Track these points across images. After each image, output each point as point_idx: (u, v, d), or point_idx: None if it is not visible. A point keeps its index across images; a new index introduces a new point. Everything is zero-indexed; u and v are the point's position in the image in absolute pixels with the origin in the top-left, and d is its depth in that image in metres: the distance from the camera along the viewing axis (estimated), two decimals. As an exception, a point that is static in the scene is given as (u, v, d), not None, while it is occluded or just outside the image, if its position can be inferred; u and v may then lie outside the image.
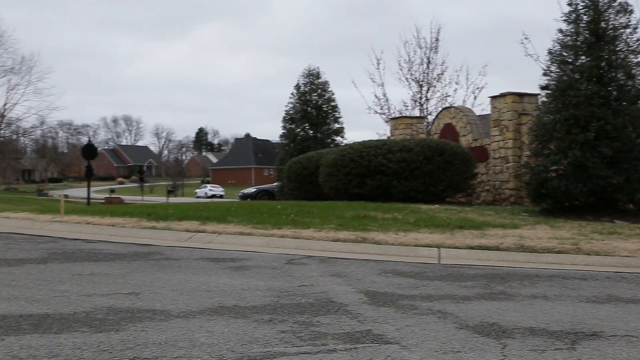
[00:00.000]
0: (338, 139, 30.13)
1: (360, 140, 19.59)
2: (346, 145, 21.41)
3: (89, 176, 37.49)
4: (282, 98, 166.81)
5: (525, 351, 3.86)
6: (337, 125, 30.65)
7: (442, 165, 17.02)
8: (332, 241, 8.86)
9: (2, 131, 58.63)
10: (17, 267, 6.73)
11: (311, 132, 30.26)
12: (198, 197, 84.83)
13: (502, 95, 18.95)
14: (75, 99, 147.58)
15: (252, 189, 29.70)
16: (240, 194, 30.47)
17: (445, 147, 17.40)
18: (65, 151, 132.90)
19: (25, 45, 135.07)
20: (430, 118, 28.98)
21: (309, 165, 20.86)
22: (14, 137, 66.50)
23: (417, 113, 30.54)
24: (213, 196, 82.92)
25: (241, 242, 9.00)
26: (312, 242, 8.88)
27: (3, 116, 55.83)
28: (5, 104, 54.69)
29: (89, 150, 36.43)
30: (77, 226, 10.97)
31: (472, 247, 8.39)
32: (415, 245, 8.57)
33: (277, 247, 8.70)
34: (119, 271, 6.60)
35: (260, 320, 4.51)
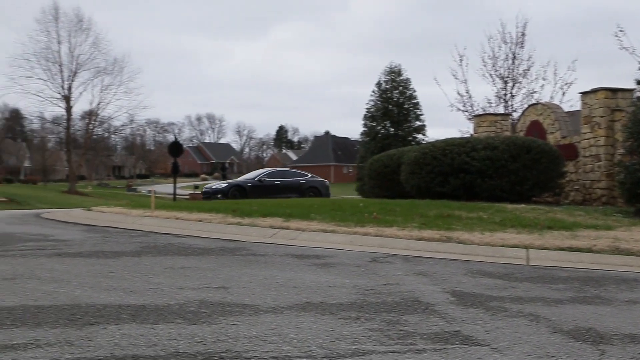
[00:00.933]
0: (419, 136, 29.86)
1: (442, 138, 19.30)
2: (428, 143, 21.14)
3: (175, 173, 38.79)
4: (360, 96, 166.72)
5: (626, 359, 3.69)
6: (418, 123, 30.38)
7: (528, 164, 16.51)
8: (415, 240, 8.77)
9: (95, 129, 61.50)
10: (113, 260, 7.06)
11: (392, 129, 30.11)
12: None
13: (594, 91, 18.17)
14: (161, 98, 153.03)
15: (222, 184, 26.30)
16: (205, 189, 26.67)
17: (532, 144, 16.87)
18: (152, 148, 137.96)
19: (117, 47, 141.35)
20: (516, 115, 28.18)
21: (390, 163, 20.75)
22: (106, 135, 69.54)
23: (501, 110, 29.77)
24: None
25: (324, 240, 9.06)
26: (396, 241, 8.83)
27: (97, 115, 58.57)
28: (98, 104, 57.37)
29: (175, 148, 37.70)
30: (166, 221, 11.37)
31: (562, 249, 8.10)
32: (502, 246, 8.36)
33: (360, 245, 8.71)
34: (208, 265, 6.79)
35: (347, 317, 4.52)
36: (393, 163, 20.46)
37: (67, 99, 55.47)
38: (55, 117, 60.78)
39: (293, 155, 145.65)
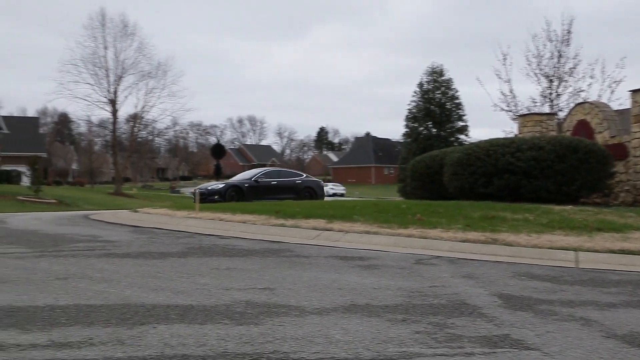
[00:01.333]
0: (462, 137, 29.54)
1: (485, 138, 19.04)
2: (472, 143, 20.89)
3: (217, 174, 39.28)
4: (401, 96, 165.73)
5: (684, 365, 3.58)
6: (461, 124, 30.07)
7: (575, 164, 16.16)
8: (460, 242, 8.68)
9: (139, 132, 62.67)
10: (160, 260, 7.18)
11: (434, 130, 29.88)
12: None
13: (644, 89, 17.67)
14: (204, 100, 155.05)
15: (219, 184, 24.69)
16: (200, 190, 23.08)
17: (579, 144, 16.51)
18: (195, 150, 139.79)
19: (160, 51, 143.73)
20: (562, 114, 27.61)
21: (432, 164, 20.58)
22: (150, 137, 70.78)
23: (546, 109, 29.20)
24: (334, 195, 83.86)
25: (368, 241, 9.04)
26: (440, 242, 8.75)
27: (141, 118, 59.69)
28: (143, 107, 58.47)
29: (218, 150, 38.17)
30: (210, 222, 11.51)
31: (613, 251, 7.90)
32: (550, 248, 8.20)
33: (404, 247, 8.66)
34: (253, 267, 6.85)
35: (393, 319, 4.50)
36: (436, 164, 20.28)
37: (113, 102, 56.70)
38: (101, 120, 62.22)
39: (334, 157, 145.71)
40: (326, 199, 25.63)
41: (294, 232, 9.99)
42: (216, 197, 23.22)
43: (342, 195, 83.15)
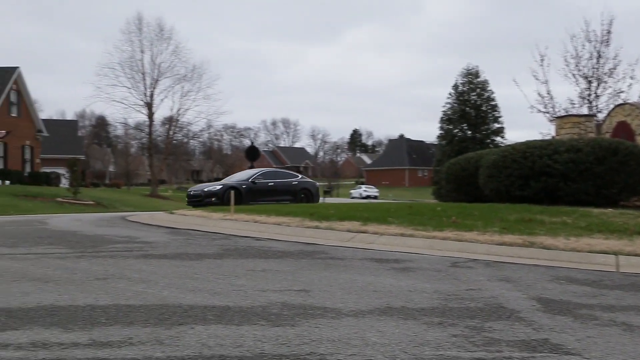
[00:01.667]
0: (498, 139, 29.20)
1: (522, 140, 18.78)
2: (508, 145, 20.63)
3: (252, 177, 39.44)
4: (436, 98, 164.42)
5: None
6: (497, 125, 29.72)
7: (615, 166, 15.83)
8: (496, 245, 8.57)
9: (175, 135, 63.44)
10: (197, 262, 7.26)
11: (469, 132, 29.59)
12: (353, 197, 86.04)
13: (686, 89, 17.22)
14: (238, 103, 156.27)
15: (216, 186, 23.12)
16: (194, 192, 23.30)
17: (619, 146, 16.16)
18: (229, 153, 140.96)
19: (196, 55, 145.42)
20: (601, 116, 27.06)
21: (467, 167, 20.38)
22: (185, 140, 71.60)
23: (585, 111, 28.65)
24: (367, 197, 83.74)
25: (403, 244, 9.00)
26: (476, 245, 8.66)
27: (177, 121, 60.45)
28: (178, 110, 59.22)
29: (252, 152, 38.43)
30: (245, 224, 11.59)
31: (655, 256, 7.71)
32: (589, 252, 8.05)
33: (439, 250, 8.59)
34: (288, 268, 6.87)
35: (429, 322, 4.47)
36: (471, 166, 20.08)
37: (149, 105, 57.57)
38: (137, 123, 63.18)
39: (367, 159, 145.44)
40: (360, 201, 25.32)
41: (329, 234, 10.00)
42: (213, 199, 21.97)
43: (375, 197, 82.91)
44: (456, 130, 29.54)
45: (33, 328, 4.07)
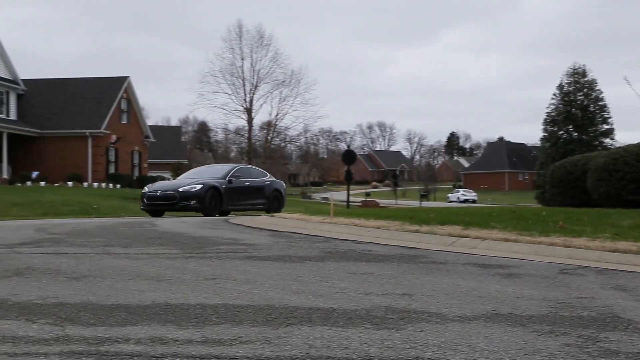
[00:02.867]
0: (607, 141, 27.78)
1: (634, 142, 17.80)
2: (619, 147, 19.60)
3: (348, 180, 39.77)
4: (537, 99, 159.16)
5: None
6: (605, 127, 28.31)
7: None
8: (609, 252, 8.15)
9: (273, 139, 64.85)
10: (299, 264, 7.38)
11: (575, 134, 28.37)
12: (450, 201, 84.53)
13: None
14: (334, 107, 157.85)
15: (195, 186, 18.51)
16: (154, 192, 18.92)
17: None
18: (325, 157, 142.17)
19: (294, 60, 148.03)
20: None
21: (574, 170, 19.55)
22: (283, 144, 73.05)
23: None
24: (465, 201, 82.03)
25: (507, 249, 8.75)
26: (586, 252, 8.27)
27: (275, 125, 61.77)
28: (277, 115, 60.56)
29: (349, 156, 38.62)
30: (344, 227, 11.67)
31: None
32: None
33: (545, 256, 8.28)
34: (390, 272, 6.85)
35: (539, 330, 4.32)
36: (577, 170, 19.26)
37: (248, 111, 59.24)
38: (237, 128, 65.16)
39: (465, 162, 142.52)
40: (457, 205, 24.70)
41: (429, 238, 9.88)
42: (192, 202, 18.17)
43: (473, 201, 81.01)
44: (561, 132, 28.34)
45: (150, 324, 4.28)
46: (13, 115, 50.14)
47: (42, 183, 44.61)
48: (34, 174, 45.92)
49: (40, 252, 8.50)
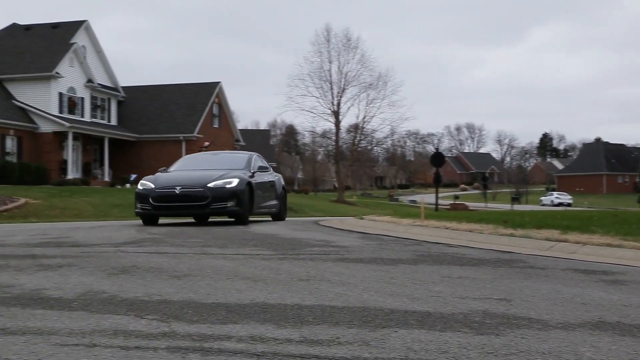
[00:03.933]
0: None
1: None
2: None
3: (437, 183, 39.25)
4: (636, 97, 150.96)
5: None
6: None
7: None
8: None
9: (360, 142, 64.93)
10: (392, 267, 7.35)
11: (682, 133, 26.60)
12: (543, 204, 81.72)
13: None
14: (421, 109, 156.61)
15: (232, 180, 13.96)
16: (185, 188, 13.78)
17: None
18: (412, 159, 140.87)
19: (380, 62, 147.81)
20: None
21: (681, 171, 18.42)
22: (369, 147, 72.98)
23: None
24: (560, 204, 79.00)
25: (610, 254, 8.36)
26: (698, 259, 7.78)
27: (362, 128, 61.89)
28: (364, 117, 60.63)
29: (438, 158, 38.14)
30: (435, 230, 11.52)
31: None
32: None
33: (653, 262, 7.85)
34: (485, 276, 6.70)
35: (652, 341, 4.10)
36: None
37: (336, 114, 59.65)
38: (324, 131, 65.68)
39: (558, 164, 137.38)
40: (551, 209, 23.75)
41: (525, 242, 9.59)
42: (229, 204, 13.64)
43: (568, 205, 77.92)
44: (665, 132, 26.69)
45: (250, 323, 4.39)
46: (114, 121, 52.88)
47: (140, 185, 46.57)
48: (132, 177, 48.13)
49: (143, 251, 8.89)
